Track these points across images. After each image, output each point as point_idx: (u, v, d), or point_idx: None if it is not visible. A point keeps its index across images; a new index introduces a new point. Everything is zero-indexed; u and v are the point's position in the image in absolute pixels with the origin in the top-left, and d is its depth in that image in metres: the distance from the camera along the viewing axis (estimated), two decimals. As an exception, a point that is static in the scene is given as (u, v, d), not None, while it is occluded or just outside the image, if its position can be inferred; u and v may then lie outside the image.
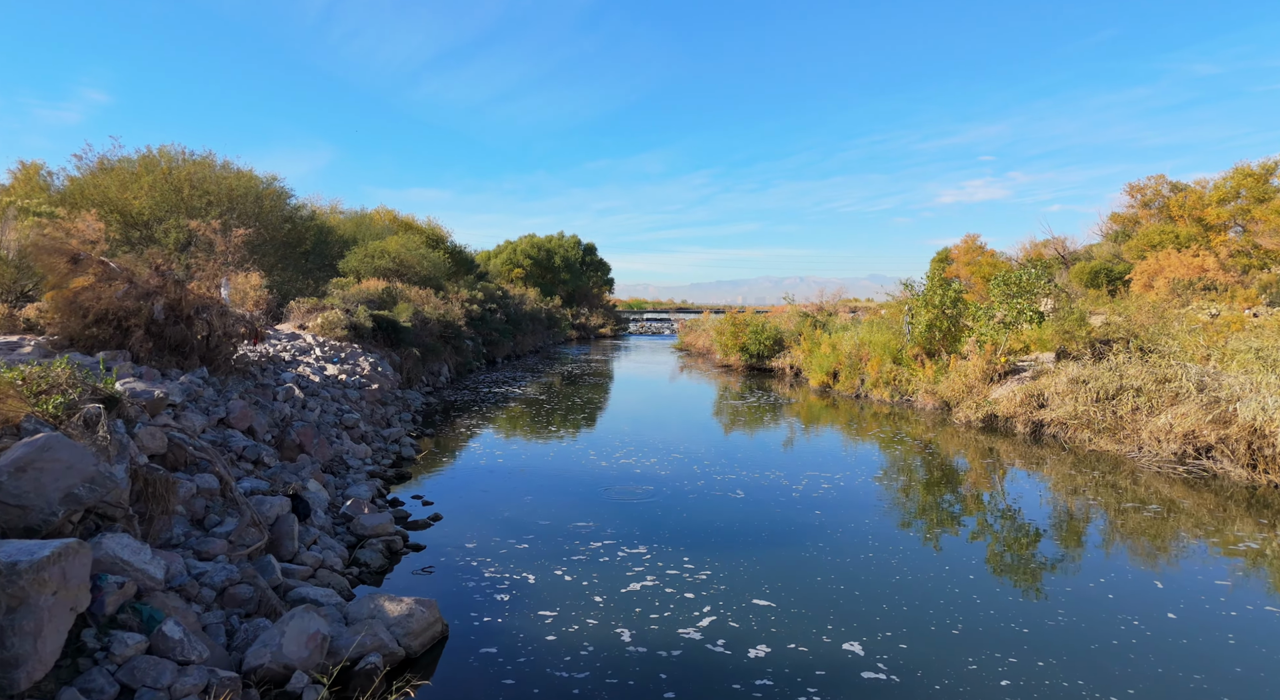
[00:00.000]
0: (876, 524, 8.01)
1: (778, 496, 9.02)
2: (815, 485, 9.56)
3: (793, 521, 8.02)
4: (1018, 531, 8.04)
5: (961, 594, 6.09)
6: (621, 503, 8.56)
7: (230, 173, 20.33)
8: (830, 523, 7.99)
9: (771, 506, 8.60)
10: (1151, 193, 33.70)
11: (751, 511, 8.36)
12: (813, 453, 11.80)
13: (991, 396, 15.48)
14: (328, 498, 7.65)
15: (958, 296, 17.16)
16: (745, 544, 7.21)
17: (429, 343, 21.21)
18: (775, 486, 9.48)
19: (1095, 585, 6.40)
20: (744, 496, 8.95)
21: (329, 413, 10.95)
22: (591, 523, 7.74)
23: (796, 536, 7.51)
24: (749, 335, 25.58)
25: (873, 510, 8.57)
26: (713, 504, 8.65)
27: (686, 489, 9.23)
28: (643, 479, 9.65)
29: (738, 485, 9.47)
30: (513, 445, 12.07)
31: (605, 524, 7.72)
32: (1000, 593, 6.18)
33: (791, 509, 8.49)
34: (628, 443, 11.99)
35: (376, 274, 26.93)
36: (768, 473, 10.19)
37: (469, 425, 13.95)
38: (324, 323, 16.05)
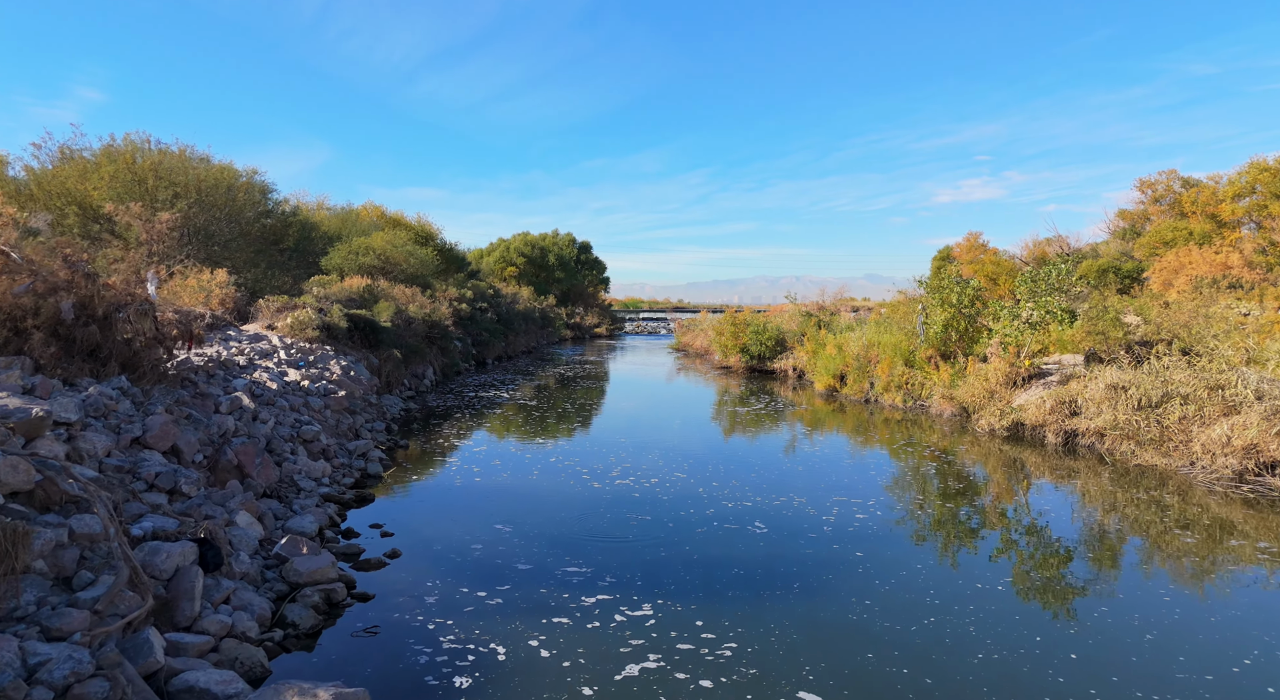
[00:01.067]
0: (932, 571, 6.55)
1: (805, 530, 7.63)
2: (847, 514, 8.19)
3: (829, 566, 6.61)
4: (1112, 586, 6.76)
5: (1069, 682, 4.79)
6: (617, 538, 7.22)
7: (199, 163, 18.97)
8: (875, 568, 6.58)
9: (799, 544, 7.19)
10: (1163, 188, 32.50)
11: (776, 551, 6.96)
12: (835, 471, 10.44)
13: (1016, 402, 14.22)
14: (260, 534, 6.35)
15: (976, 295, 15.91)
16: (774, 600, 5.82)
17: (412, 344, 19.89)
18: (800, 516, 8.09)
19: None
20: (765, 531, 7.56)
21: (284, 425, 9.64)
22: (581, 567, 6.40)
23: (837, 590, 6.10)
24: (750, 336, 24.31)
25: (923, 551, 7.15)
26: (728, 541, 7.26)
27: (694, 520, 7.88)
28: (642, 505, 8.33)
29: (755, 515, 8.10)
30: (494, 460, 10.77)
31: (598, 569, 6.39)
32: (1103, 660, 4.90)
33: (824, 548, 7.10)
34: (624, 458, 10.68)
35: (361, 271, 25.61)
36: (788, 498, 8.81)
37: (449, 435, 12.64)
38: (294, 323, 14.72)
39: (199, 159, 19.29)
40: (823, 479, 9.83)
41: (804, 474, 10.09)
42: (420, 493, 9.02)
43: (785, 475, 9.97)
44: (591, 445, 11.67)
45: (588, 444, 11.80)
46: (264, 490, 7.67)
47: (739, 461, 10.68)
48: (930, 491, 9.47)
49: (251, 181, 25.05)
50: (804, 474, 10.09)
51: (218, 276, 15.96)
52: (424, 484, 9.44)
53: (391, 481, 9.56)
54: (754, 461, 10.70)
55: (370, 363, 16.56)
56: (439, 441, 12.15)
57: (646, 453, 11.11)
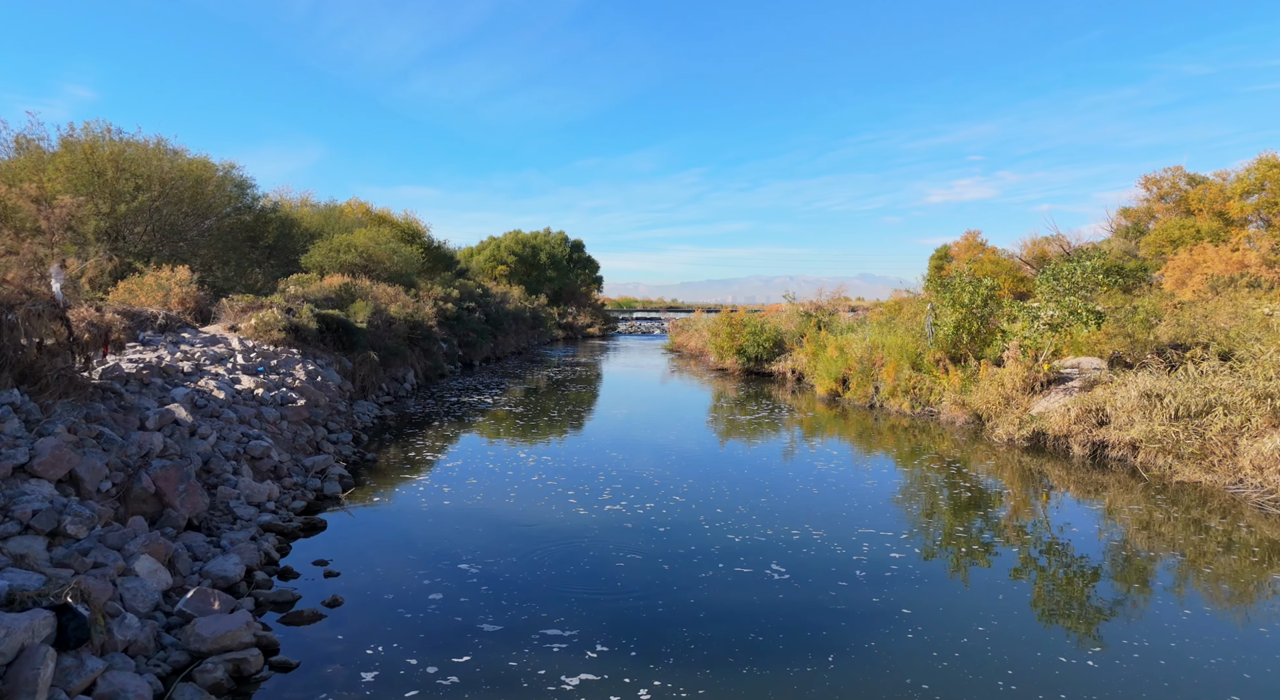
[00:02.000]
0: (1001, 638, 5.19)
1: (833, 575, 6.33)
2: (879, 553, 6.90)
3: (869, 628, 5.30)
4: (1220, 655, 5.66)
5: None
6: (607, 586, 6.02)
7: (164, 155, 17.74)
8: (928, 631, 5.24)
9: (829, 596, 5.86)
10: (1168, 185, 31.55)
11: (801, 606, 5.68)
12: (854, 494, 9.13)
13: (1035, 410, 13.15)
14: (166, 583, 5.19)
15: (990, 294, 14.83)
16: (804, 678, 4.56)
17: (391, 345, 18.70)
18: (824, 556, 6.80)
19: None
20: (784, 576, 6.29)
21: (229, 440, 8.47)
22: (562, 628, 5.21)
23: (882, 663, 4.78)
24: (747, 337, 23.21)
25: (984, 607, 5.72)
26: (740, 590, 5.98)
27: (697, 560, 6.64)
28: (636, 539, 7.16)
29: (770, 553, 6.85)
30: (469, 478, 9.61)
31: (583, 631, 5.19)
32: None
33: (860, 601, 5.78)
34: (615, 477, 9.52)
35: (342, 269, 24.43)
36: (805, 530, 7.53)
37: (422, 447, 11.48)
38: (258, 324, 13.53)
39: (164, 151, 18.05)
40: (842, 505, 8.59)
41: (820, 500, 8.83)
42: (380, 519, 7.86)
43: (799, 501, 8.74)
44: (579, 460, 10.51)
45: (574, 459, 10.64)
46: (188, 522, 6.51)
47: (744, 482, 9.49)
48: (969, 521, 8.18)
49: (228, 176, 23.86)
50: (820, 500, 8.83)
51: (178, 274, 14.77)
52: (386, 508, 8.27)
53: (350, 504, 8.40)
54: (761, 482, 9.50)
55: (343, 366, 15.38)
56: (410, 454, 10.98)
57: (640, 470, 9.96)
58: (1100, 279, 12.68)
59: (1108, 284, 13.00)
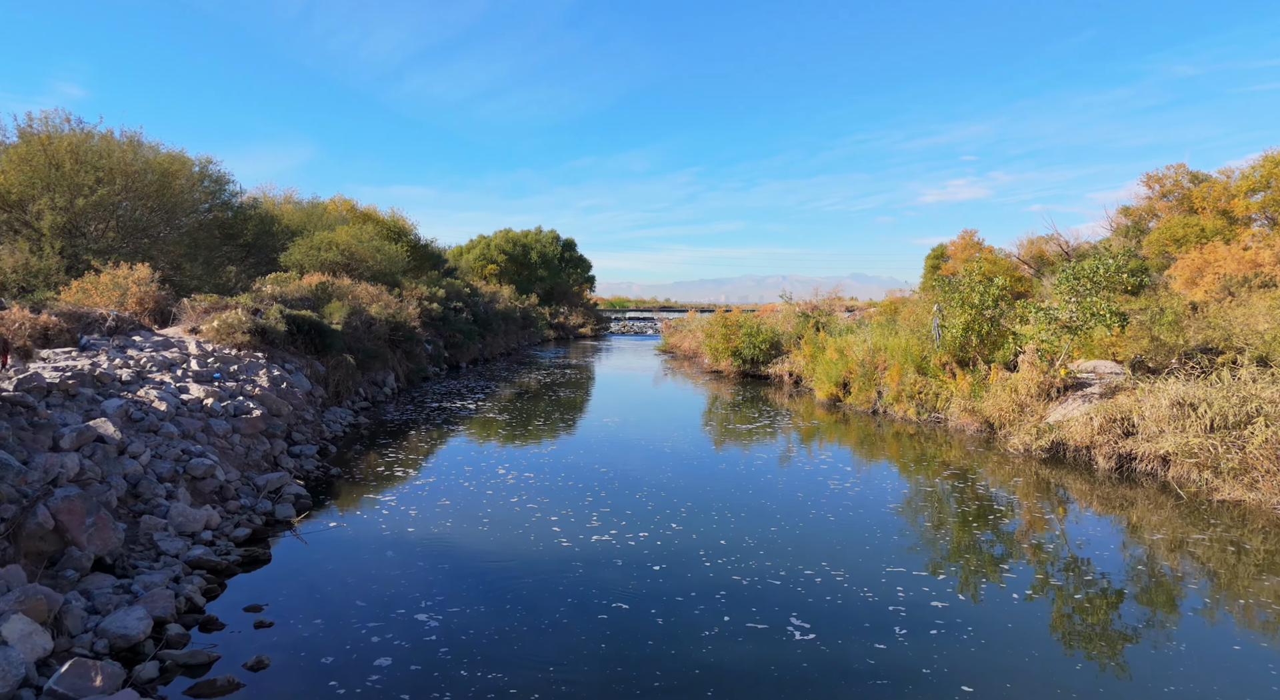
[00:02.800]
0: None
1: (868, 633, 5.23)
2: (919, 603, 5.75)
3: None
4: None
5: None
6: (590, 649, 5.02)
7: (126, 146, 16.67)
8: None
9: (870, 667, 4.71)
10: (1171, 183, 30.78)
11: (835, 680, 4.55)
12: (875, 522, 7.94)
13: (1051, 418, 12.26)
14: (40, 651, 4.20)
15: (1002, 295, 13.93)
16: None
17: (370, 347, 17.69)
18: (853, 606, 5.70)
19: None
20: (809, 635, 5.17)
21: (166, 459, 7.47)
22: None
23: None
24: (743, 338, 22.28)
25: (1071, 681, 4.61)
26: (757, 655, 4.85)
27: (700, 610, 5.55)
28: (626, 581, 6.12)
29: (788, 602, 5.71)
30: (441, 498, 8.63)
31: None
32: None
33: (907, 672, 4.64)
34: (604, 499, 8.53)
35: (323, 268, 23.39)
36: (825, 569, 6.39)
37: (393, 461, 10.48)
38: (221, 325, 12.51)
39: (130, 143, 16.98)
40: (863, 535, 7.48)
41: (837, 528, 7.72)
42: (334, 549, 6.87)
43: (813, 529, 7.64)
44: (564, 478, 9.51)
45: (560, 476, 9.63)
46: (97, 562, 5.51)
47: (749, 506, 8.44)
48: (1013, 555, 7.03)
49: (205, 171, 22.79)
50: (837, 528, 7.72)
51: (137, 272, 13.73)
52: (342, 535, 7.28)
53: (303, 528, 7.41)
54: (768, 506, 8.45)
55: (315, 371, 14.36)
56: (380, 469, 9.99)
57: (632, 489, 8.97)
58: (1125, 278, 11.79)
59: (1132, 284, 12.11)
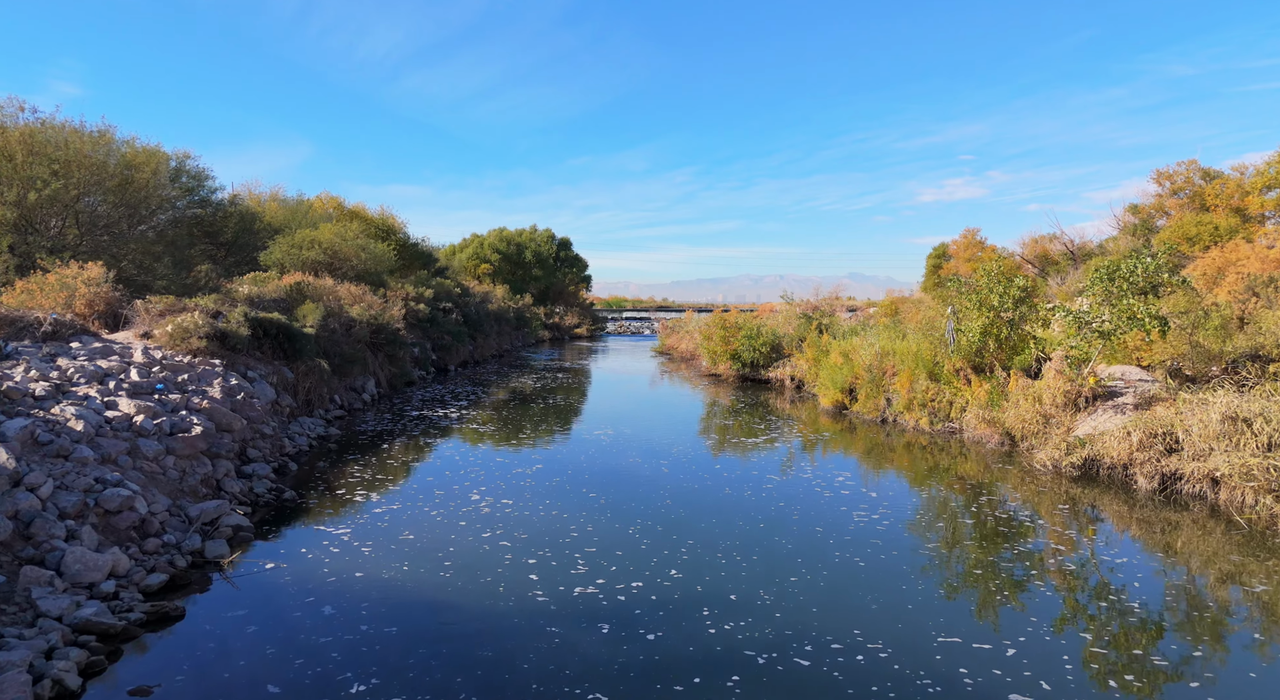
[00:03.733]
0: None
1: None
2: (991, 692, 4.57)
3: None
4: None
5: None
6: None
7: (87, 138, 15.49)
8: None
9: None
10: (1182, 180, 29.69)
11: None
12: (910, 567, 6.61)
13: (1080, 430, 11.16)
14: None
15: (1024, 296, 12.82)
16: None
17: (349, 351, 16.55)
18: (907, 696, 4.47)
19: None
20: None
21: (74, 490, 6.33)
22: None
23: None
24: (742, 341, 21.15)
25: None
26: None
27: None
28: (615, 654, 4.91)
29: (822, 693, 4.48)
30: (403, 531, 7.50)
31: None
32: None
33: None
34: (592, 535, 7.33)
35: (304, 267, 22.24)
36: (860, 641, 5.12)
37: (357, 482, 9.35)
38: (175, 330, 11.36)
39: (89, 135, 15.80)
40: (903, 591, 6.08)
41: (869, 578, 6.33)
42: (261, 603, 5.73)
43: (840, 580, 6.29)
44: (548, 507, 8.33)
45: (543, 504, 8.44)
46: (-58, 635, 4.38)
47: (761, 546, 7.10)
48: (1093, 618, 5.76)
49: (183, 166, 21.66)
50: (869, 578, 6.33)
51: (89, 271, 12.57)
52: (277, 581, 6.14)
53: (234, 572, 6.28)
54: (783, 546, 7.12)
55: (283, 378, 13.21)
56: (341, 491, 8.85)
57: (625, 522, 7.81)
58: (1166, 278, 10.69)
59: (1175, 284, 11.02)
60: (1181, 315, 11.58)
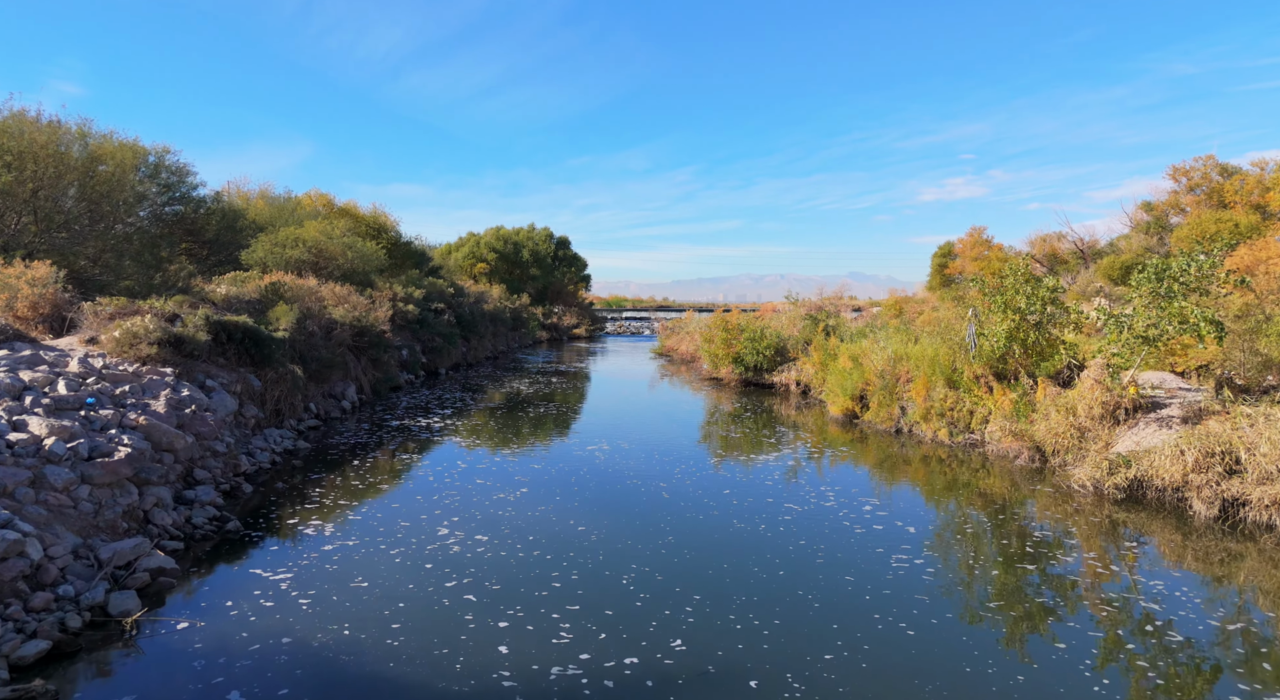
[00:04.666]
0: None
1: None
2: None
3: None
4: None
5: None
6: None
7: (45, 128, 14.36)
8: None
9: None
10: (1199, 176, 28.49)
11: None
12: (975, 638, 5.34)
13: (1119, 446, 10.01)
14: None
15: (1054, 297, 11.67)
16: None
17: (327, 356, 15.42)
18: None
19: None
20: None
21: (-56, 535, 5.19)
22: None
23: None
24: (745, 344, 20.00)
25: None
26: None
27: None
28: None
29: None
30: (356, 575, 6.37)
31: None
32: None
33: None
34: (578, 586, 6.13)
35: (288, 267, 21.13)
36: None
37: (315, 508, 8.21)
38: (123, 335, 10.23)
39: (48, 125, 14.67)
40: (968, 674, 4.76)
41: (921, 652, 5.00)
42: (156, 683, 4.59)
43: (889, 657, 4.93)
44: (527, 545, 7.09)
45: (522, 541, 7.17)
46: None
47: (784, 605, 5.75)
48: None
49: (163, 161, 20.54)
50: (921, 652, 5.00)
51: (33, 271, 11.45)
52: (186, 649, 4.99)
53: (134, 635, 5.15)
54: (812, 605, 5.77)
55: (249, 386, 12.08)
56: (291, 521, 7.72)
57: (618, 567, 6.58)
58: (1224, 278, 9.54)
59: (1232, 284, 9.86)
60: (1237, 319, 10.43)
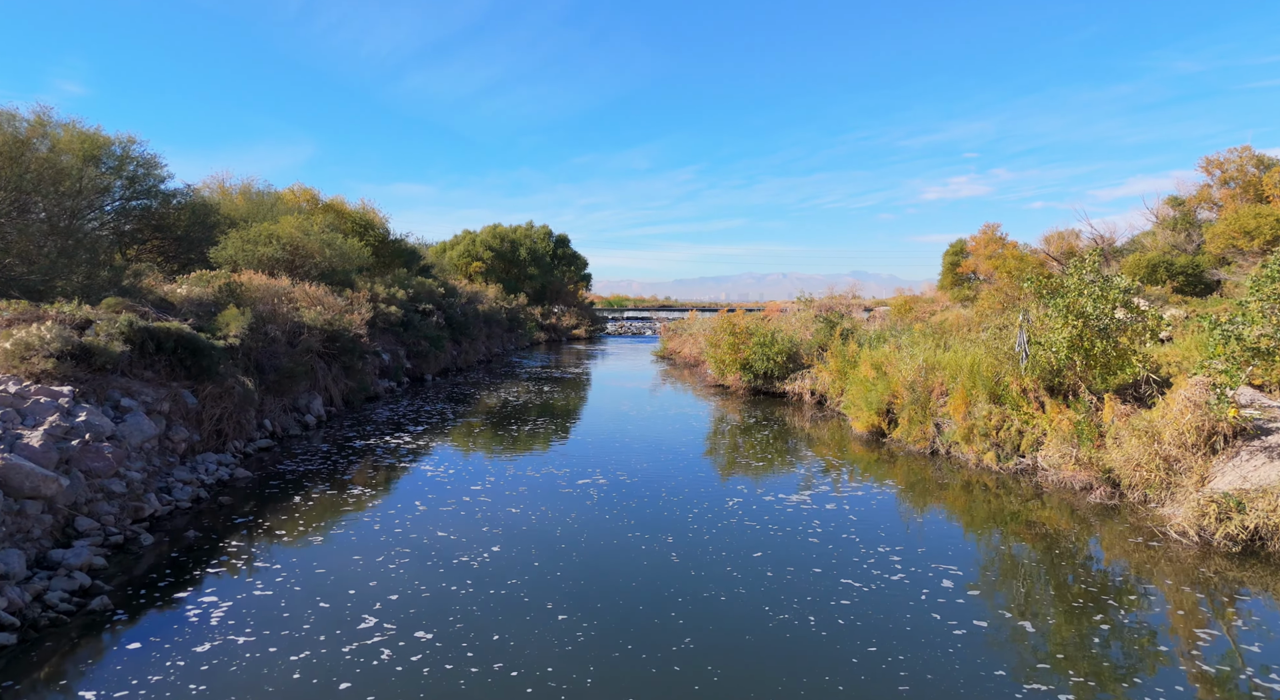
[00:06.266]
0: None
1: None
2: None
3: None
4: None
5: None
6: None
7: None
8: None
9: None
10: (1234, 168, 26.46)
11: None
12: None
13: (1220, 481, 8.08)
14: None
15: (1128, 299, 9.72)
16: None
17: (287, 365, 13.53)
18: None
19: None
20: None
21: None
22: None
23: None
24: (754, 349, 18.07)
25: None
26: None
27: None
28: None
29: None
30: (270, 686, 4.48)
31: None
32: None
33: None
34: (561, 683, 4.34)
35: (260, 265, 19.26)
36: None
37: (218, 572, 6.32)
38: (14, 347, 8.36)
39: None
40: None
41: None
42: None
43: None
44: (487, 651, 5.05)
45: (482, 645, 5.13)
46: None
47: None
48: None
49: (128, 152, 18.72)
50: None
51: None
52: None
53: None
54: None
55: (182, 404, 10.18)
56: (181, 596, 5.82)
57: (620, 649, 4.78)
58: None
59: None
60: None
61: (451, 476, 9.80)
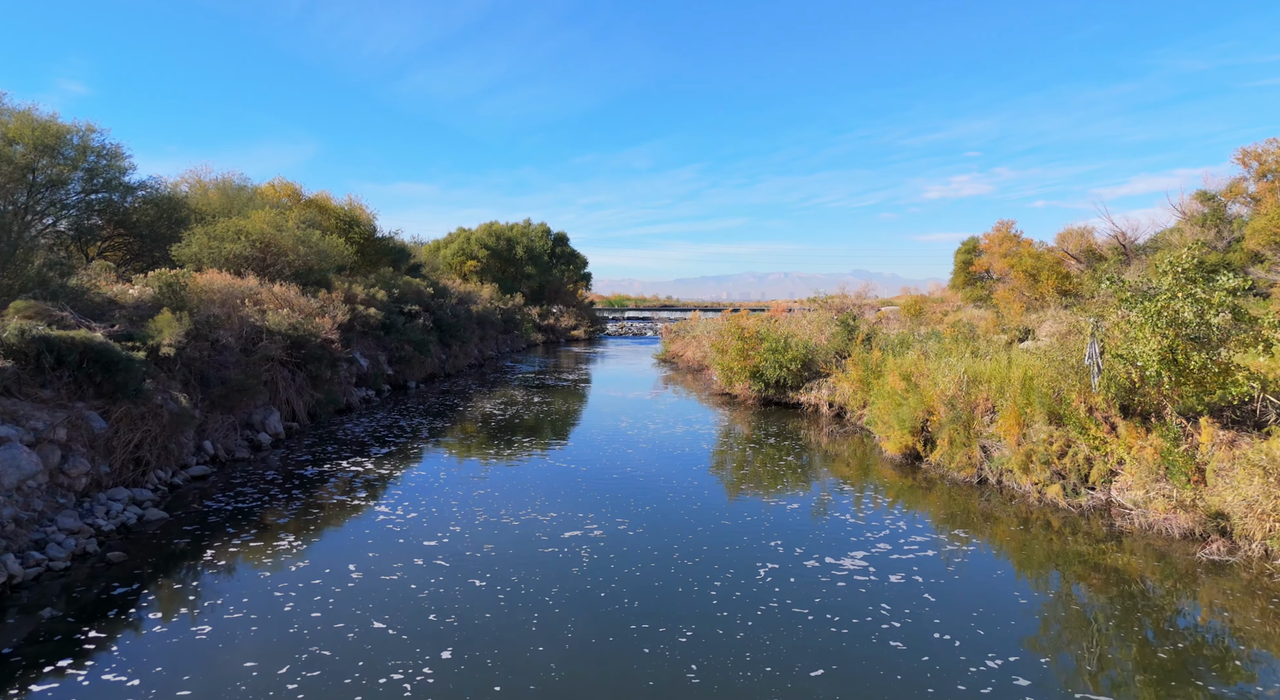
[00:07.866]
0: None
1: None
2: None
3: None
4: None
5: None
6: None
7: None
8: None
9: None
10: (1273, 160, 24.54)
11: None
12: None
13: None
14: None
15: (1234, 304, 7.83)
16: None
17: (237, 377, 11.69)
18: None
19: None
20: None
21: None
22: None
23: None
24: (765, 355, 16.19)
25: None
26: None
27: None
28: None
29: None
30: None
31: None
32: None
33: None
34: None
35: (227, 264, 17.46)
36: None
37: (77, 665, 4.49)
38: None
39: None
40: None
41: None
42: None
43: None
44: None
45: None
46: None
47: None
48: None
49: (87, 142, 16.97)
50: None
51: None
52: None
53: None
54: None
55: (87, 430, 8.34)
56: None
57: None
58: None
59: None
60: None
61: (407, 523, 7.92)
